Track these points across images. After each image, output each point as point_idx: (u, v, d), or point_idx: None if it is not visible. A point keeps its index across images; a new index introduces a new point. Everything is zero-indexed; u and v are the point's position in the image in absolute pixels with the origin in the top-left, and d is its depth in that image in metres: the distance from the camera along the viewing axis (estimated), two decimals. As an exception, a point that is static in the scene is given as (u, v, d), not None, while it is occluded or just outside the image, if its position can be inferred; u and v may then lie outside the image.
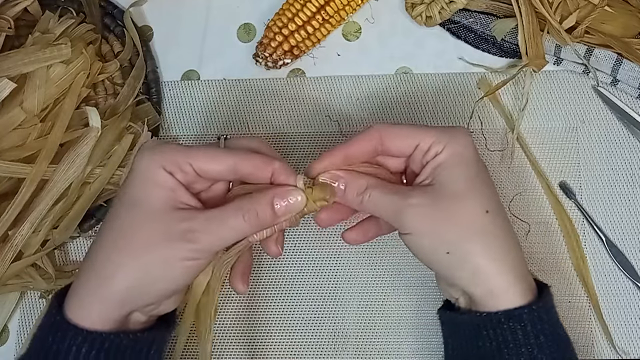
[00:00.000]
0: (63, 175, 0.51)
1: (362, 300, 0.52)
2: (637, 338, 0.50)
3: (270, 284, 0.53)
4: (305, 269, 0.53)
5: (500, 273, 0.38)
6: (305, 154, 0.55)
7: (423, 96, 0.56)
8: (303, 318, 0.53)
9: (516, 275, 0.39)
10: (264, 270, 0.53)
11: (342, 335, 0.52)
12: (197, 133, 0.57)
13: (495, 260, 0.39)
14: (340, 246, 0.53)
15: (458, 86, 0.55)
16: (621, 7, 0.53)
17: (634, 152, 0.53)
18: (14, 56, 0.52)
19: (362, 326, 0.52)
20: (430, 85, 0.56)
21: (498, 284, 0.38)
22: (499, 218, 0.40)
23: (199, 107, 0.57)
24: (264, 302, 0.53)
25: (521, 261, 0.40)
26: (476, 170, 0.40)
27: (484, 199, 0.40)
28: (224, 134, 0.42)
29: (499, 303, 0.38)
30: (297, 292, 0.53)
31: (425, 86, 0.56)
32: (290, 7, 0.54)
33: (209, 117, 0.57)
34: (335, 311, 0.52)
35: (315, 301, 0.53)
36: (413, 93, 0.56)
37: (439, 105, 0.55)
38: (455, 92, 0.55)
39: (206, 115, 0.57)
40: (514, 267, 0.39)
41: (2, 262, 0.50)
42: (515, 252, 0.40)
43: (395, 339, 0.51)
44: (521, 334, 0.38)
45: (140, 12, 0.60)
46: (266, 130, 0.56)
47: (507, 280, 0.38)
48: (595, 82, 0.54)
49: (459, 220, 0.39)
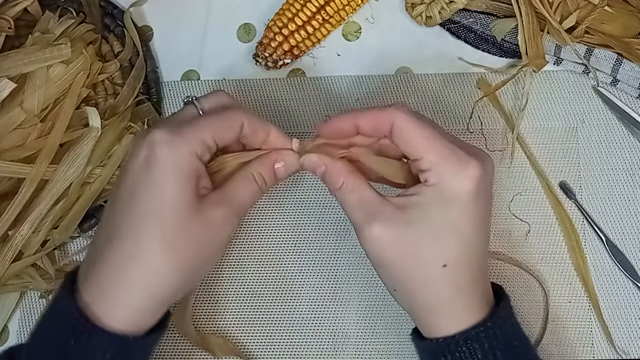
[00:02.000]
0: (63, 175, 0.51)
1: (362, 300, 0.52)
2: (637, 338, 0.50)
3: (270, 284, 0.53)
4: (305, 268, 0.53)
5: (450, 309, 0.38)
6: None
7: (423, 96, 0.56)
8: (303, 318, 0.52)
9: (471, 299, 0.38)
10: (263, 269, 0.53)
11: (342, 335, 0.52)
12: (197, 133, 0.57)
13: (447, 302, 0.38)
14: (341, 246, 0.53)
15: (458, 86, 0.55)
16: (621, 7, 0.53)
17: (634, 152, 0.53)
18: (14, 56, 0.52)
19: (362, 326, 0.52)
20: (430, 85, 0.56)
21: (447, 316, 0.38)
22: (456, 270, 0.38)
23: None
24: (263, 301, 0.53)
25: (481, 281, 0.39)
26: (457, 214, 0.37)
27: (449, 251, 0.38)
28: (190, 95, 0.41)
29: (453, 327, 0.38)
30: (296, 292, 0.53)
31: (425, 86, 0.56)
32: (290, 7, 0.54)
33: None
34: (335, 311, 0.52)
35: (315, 301, 0.53)
36: (413, 93, 0.56)
37: (438, 106, 0.55)
38: (455, 92, 0.55)
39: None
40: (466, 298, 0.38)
41: (2, 262, 0.50)
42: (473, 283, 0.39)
43: (395, 339, 0.51)
44: (480, 353, 0.37)
45: (140, 12, 0.60)
46: (266, 130, 0.56)
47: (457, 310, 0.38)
48: (595, 82, 0.54)
49: (413, 267, 0.38)
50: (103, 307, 0.37)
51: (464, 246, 0.38)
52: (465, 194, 0.37)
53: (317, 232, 0.54)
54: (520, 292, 0.51)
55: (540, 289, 0.51)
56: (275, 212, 0.54)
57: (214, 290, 0.53)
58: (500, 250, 0.52)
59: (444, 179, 0.37)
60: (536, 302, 0.51)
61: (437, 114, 0.55)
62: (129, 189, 0.38)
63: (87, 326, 0.36)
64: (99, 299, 0.37)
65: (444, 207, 0.37)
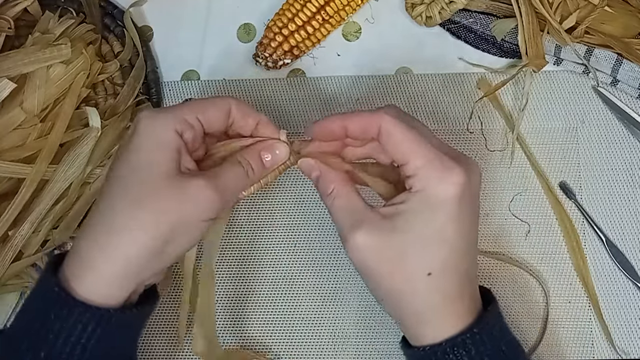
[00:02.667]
0: (63, 175, 0.51)
1: (362, 300, 0.52)
2: (637, 338, 0.50)
3: (270, 283, 0.53)
4: (305, 267, 0.53)
5: (436, 317, 0.38)
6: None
7: (423, 96, 0.56)
8: (303, 317, 0.53)
9: (458, 305, 0.38)
10: (263, 269, 0.53)
11: (342, 335, 0.52)
12: (197, 133, 0.57)
13: (433, 310, 0.38)
14: (340, 245, 0.53)
15: (458, 86, 0.55)
16: (621, 7, 0.53)
17: (634, 152, 0.53)
18: (14, 56, 0.52)
19: (362, 326, 0.52)
20: (430, 86, 0.56)
21: (434, 323, 0.38)
22: (442, 278, 0.38)
23: (199, 107, 0.57)
24: (263, 301, 0.53)
25: (468, 288, 0.39)
26: (442, 221, 0.37)
27: (434, 259, 0.37)
28: (189, 98, 0.43)
29: (440, 334, 0.38)
30: (296, 291, 0.53)
31: (425, 86, 0.56)
32: (290, 7, 0.54)
33: (209, 117, 0.57)
34: (335, 311, 0.52)
35: (315, 300, 0.53)
36: (413, 93, 0.56)
37: (438, 106, 0.55)
38: (455, 92, 0.55)
39: (206, 116, 0.57)
40: (453, 304, 0.38)
41: (2, 262, 0.50)
42: (460, 290, 0.38)
43: (395, 339, 0.51)
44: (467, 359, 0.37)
45: (140, 12, 0.60)
46: (266, 131, 0.56)
47: (444, 317, 0.38)
48: (595, 82, 0.54)
49: (398, 276, 0.38)
50: (81, 280, 0.37)
51: (449, 253, 0.38)
52: (450, 200, 0.37)
53: (317, 231, 0.54)
54: (520, 292, 0.51)
55: (540, 289, 0.51)
56: (276, 211, 0.54)
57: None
58: (500, 250, 0.52)
59: (429, 185, 0.37)
60: (536, 302, 0.51)
61: (437, 114, 0.55)
62: (113, 162, 0.40)
63: (68, 300, 0.36)
64: (78, 271, 0.37)
65: (429, 214, 0.37)
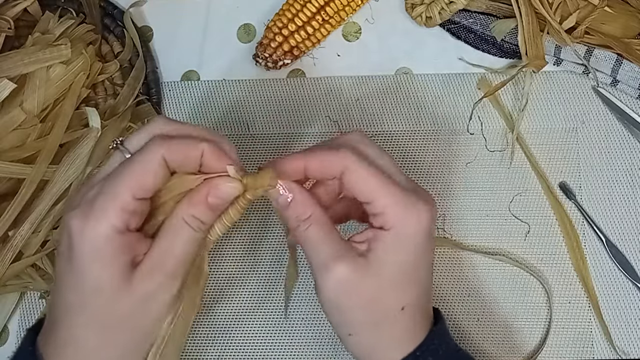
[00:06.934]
0: (63, 175, 0.51)
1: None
2: (637, 338, 0.50)
3: (269, 283, 0.53)
4: (305, 267, 0.53)
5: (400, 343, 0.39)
6: (305, 155, 0.55)
7: (423, 96, 0.56)
8: (303, 317, 0.52)
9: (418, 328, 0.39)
10: (263, 268, 0.53)
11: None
12: (197, 133, 0.57)
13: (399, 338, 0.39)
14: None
15: (458, 87, 0.55)
16: (621, 7, 0.53)
17: (634, 152, 0.53)
18: (14, 56, 0.52)
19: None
20: (430, 86, 0.56)
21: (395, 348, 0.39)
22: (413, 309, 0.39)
23: (199, 107, 0.57)
24: (263, 300, 0.53)
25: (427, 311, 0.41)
26: (414, 258, 0.38)
27: (405, 295, 0.38)
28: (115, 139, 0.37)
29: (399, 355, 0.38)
30: (296, 291, 0.53)
31: (425, 87, 0.56)
32: (290, 7, 0.54)
33: (209, 118, 0.57)
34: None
35: (315, 300, 0.53)
36: (413, 93, 0.56)
37: (438, 106, 0.55)
38: (455, 92, 0.55)
39: (206, 116, 0.57)
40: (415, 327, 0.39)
41: (2, 262, 0.50)
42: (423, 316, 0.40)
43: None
44: None
45: (140, 13, 0.60)
46: (266, 131, 0.56)
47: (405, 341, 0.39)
48: (595, 83, 0.54)
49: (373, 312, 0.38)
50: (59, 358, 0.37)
51: (421, 288, 0.39)
52: (420, 238, 0.38)
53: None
54: (520, 292, 0.51)
55: (541, 290, 0.51)
56: (275, 211, 0.54)
57: (213, 288, 0.53)
58: (500, 250, 0.52)
59: (398, 223, 0.37)
60: (536, 303, 0.51)
61: (437, 114, 0.55)
62: (58, 280, 0.37)
63: None
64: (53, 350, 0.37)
65: (403, 252, 0.38)
